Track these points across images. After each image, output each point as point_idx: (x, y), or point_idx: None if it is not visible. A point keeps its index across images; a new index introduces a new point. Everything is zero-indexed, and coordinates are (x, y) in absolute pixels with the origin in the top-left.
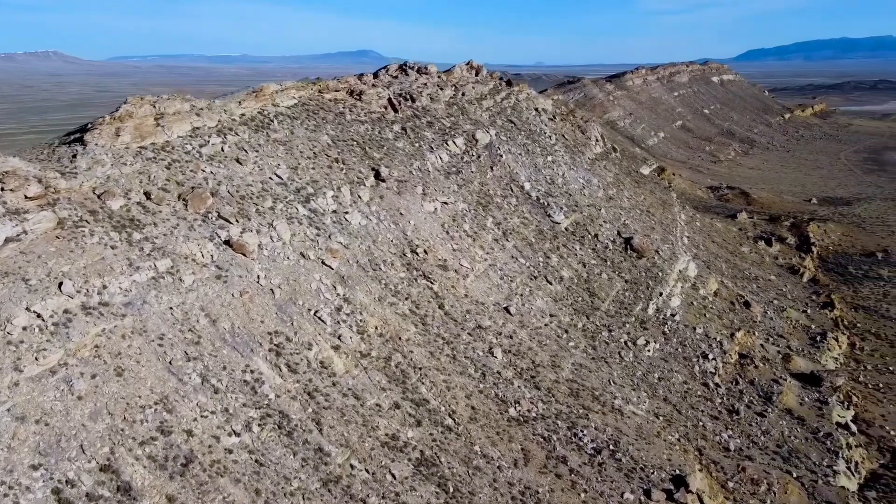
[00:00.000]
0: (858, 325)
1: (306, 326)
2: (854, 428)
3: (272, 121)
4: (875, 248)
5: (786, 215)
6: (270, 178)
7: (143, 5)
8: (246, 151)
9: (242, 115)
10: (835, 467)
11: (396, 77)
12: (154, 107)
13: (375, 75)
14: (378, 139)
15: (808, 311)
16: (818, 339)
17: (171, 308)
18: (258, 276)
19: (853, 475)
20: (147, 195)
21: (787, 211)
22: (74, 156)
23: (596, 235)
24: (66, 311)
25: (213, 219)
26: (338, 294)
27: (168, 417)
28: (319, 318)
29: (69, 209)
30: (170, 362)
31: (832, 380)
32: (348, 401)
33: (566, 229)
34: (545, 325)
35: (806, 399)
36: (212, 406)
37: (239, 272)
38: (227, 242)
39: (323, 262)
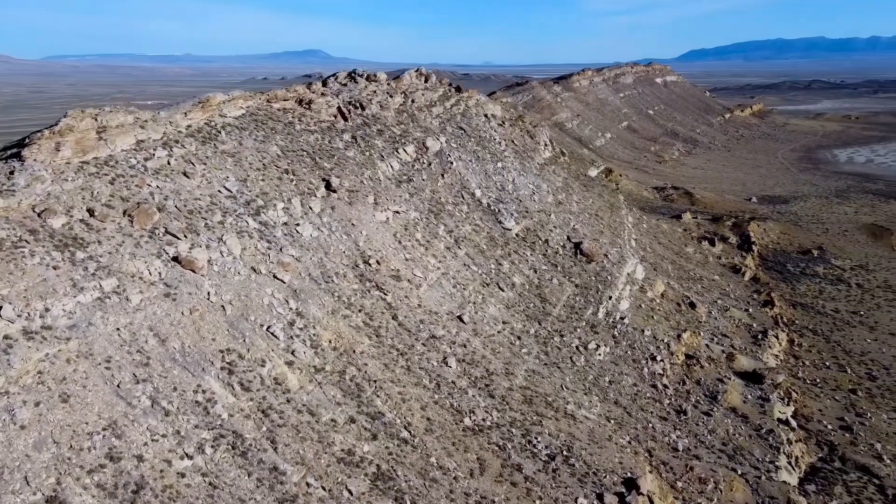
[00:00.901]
0: (797, 321)
1: (259, 343)
2: (794, 423)
3: (220, 132)
4: (811, 246)
5: (728, 215)
6: (219, 191)
7: (80, 2)
8: (193, 164)
9: (189, 126)
10: (777, 463)
11: (346, 85)
12: (96, 120)
13: (324, 83)
14: (328, 149)
15: (750, 309)
16: (760, 337)
17: (118, 329)
18: (208, 293)
19: (794, 469)
20: (90, 212)
21: (729, 210)
22: (12, 172)
23: (546, 241)
24: (6, 337)
25: (161, 235)
26: (290, 308)
27: (117, 443)
28: (272, 333)
29: (7, 229)
30: (118, 385)
31: (773, 377)
32: (303, 417)
33: (517, 235)
34: (498, 332)
35: (749, 397)
36: (162, 429)
37: (188, 289)
38: (175, 259)
39: (275, 276)
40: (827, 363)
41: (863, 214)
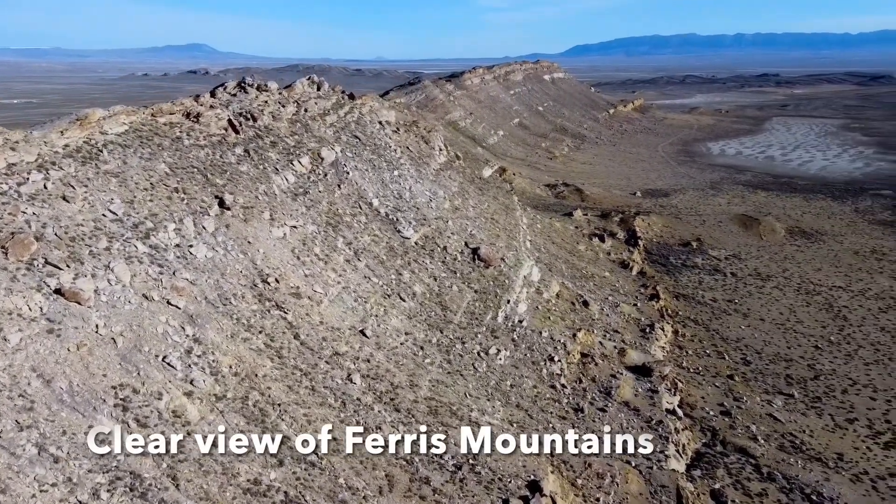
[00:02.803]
0: (680, 312)
1: (155, 374)
2: (680, 412)
3: (101, 151)
4: (690, 238)
5: (615, 210)
6: (104, 214)
7: None
8: (73, 187)
9: (66, 146)
10: (666, 452)
11: (235, 95)
12: None
13: (213, 94)
14: (220, 164)
15: (638, 304)
16: (647, 330)
17: None
18: (97, 326)
19: (681, 457)
20: None
21: (617, 205)
22: None
23: (445, 248)
24: None
25: (40, 266)
26: (187, 335)
27: (1, 499)
28: (168, 363)
29: None
30: None
31: (660, 369)
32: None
33: (416, 244)
34: (401, 343)
35: (640, 390)
36: (52, 478)
37: (74, 323)
38: (57, 291)
39: (169, 303)
40: (707, 351)
41: (734, 205)
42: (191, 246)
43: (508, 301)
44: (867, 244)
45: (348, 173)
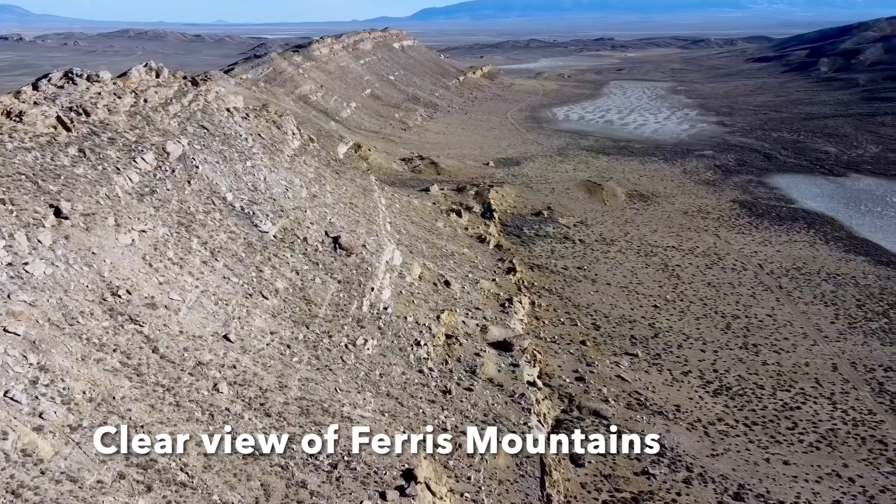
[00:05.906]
0: (535, 283)
1: None
2: (540, 383)
3: None
4: (541, 207)
5: (470, 183)
6: None
7: None
8: None
9: None
10: (529, 423)
11: (63, 87)
12: None
13: (35, 87)
14: (52, 168)
15: (497, 279)
16: (506, 305)
17: None
18: None
19: (543, 426)
20: None
21: (471, 177)
22: None
23: (305, 239)
24: None
25: None
26: (30, 364)
27: None
28: (11, 398)
29: None
30: None
31: (520, 343)
32: (63, 487)
33: (275, 237)
34: (267, 344)
35: (502, 365)
36: None
37: None
38: None
39: (6, 330)
40: (562, 319)
41: (580, 171)
42: (25, 263)
43: (372, 289)
44: (694, 204)
45: (198, 167)
